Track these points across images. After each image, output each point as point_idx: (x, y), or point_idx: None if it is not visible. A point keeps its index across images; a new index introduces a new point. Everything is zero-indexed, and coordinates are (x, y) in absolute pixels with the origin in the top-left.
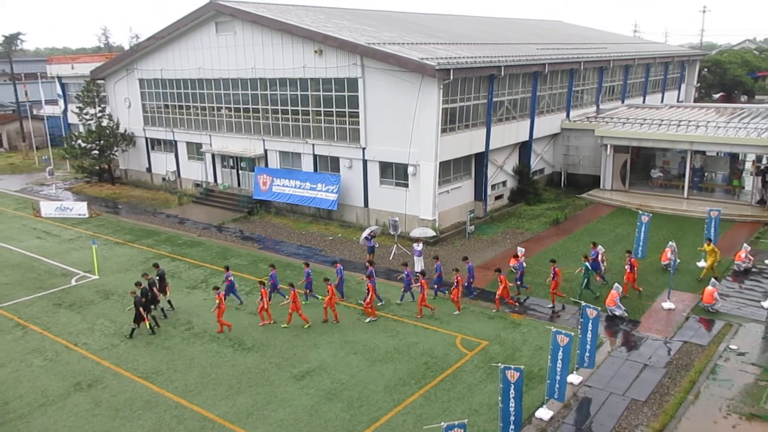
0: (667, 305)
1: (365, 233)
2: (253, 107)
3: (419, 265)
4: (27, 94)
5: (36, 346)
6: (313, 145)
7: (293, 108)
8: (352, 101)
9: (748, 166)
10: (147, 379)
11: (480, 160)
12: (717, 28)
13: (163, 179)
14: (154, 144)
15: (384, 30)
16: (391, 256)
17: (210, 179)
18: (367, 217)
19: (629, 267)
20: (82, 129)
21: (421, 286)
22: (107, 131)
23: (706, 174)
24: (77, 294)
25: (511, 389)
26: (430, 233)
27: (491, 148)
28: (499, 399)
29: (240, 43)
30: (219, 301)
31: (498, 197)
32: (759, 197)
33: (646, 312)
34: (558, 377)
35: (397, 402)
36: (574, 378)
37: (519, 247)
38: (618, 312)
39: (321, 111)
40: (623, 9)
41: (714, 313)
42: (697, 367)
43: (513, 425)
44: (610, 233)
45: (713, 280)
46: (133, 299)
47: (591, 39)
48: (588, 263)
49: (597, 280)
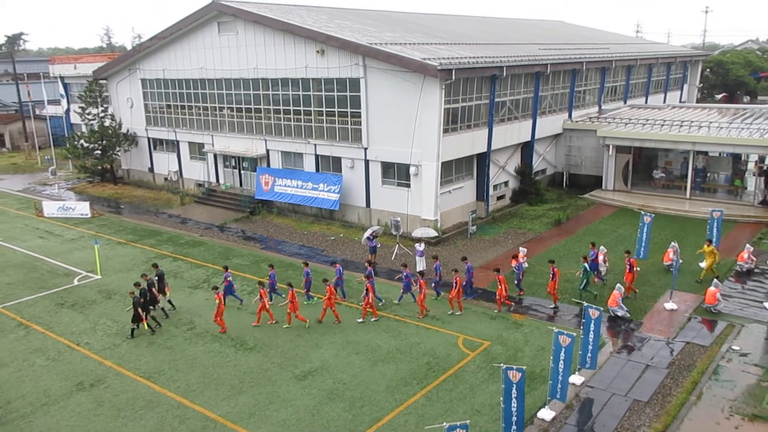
0: (670, 306)
1: (367, 233)
2: (255, 107)
3: (421, 265)
4: (30, 94)
5: (38, 345)
6: (315, 145)
7: (295, 108)
8: (354, 101)
9: (750, 166)
10: (149, 379)
11: (482, 160)
12: (720, 28)
13: (166, 179)
14: (156, 144)
15: (386, 30)
16: (393, 256)
17: (212, 179)
18: (369, 217)
19: (629, 267)
20: (84, 129)
21: (420, 286)
22: (110, 131)
23: (708, 174)
24: (79, 294)
25: (513, 389)
26: (431, 233)
27: (493, 148)
28: (501, 399)
29: (242, 43)
30: (219, 302)
31: (500, 197)
32: (761, 198)
33: (648, 312)
34: (560, 378)
35: (399, 402)
36: (576, 378)
37: (521, 248)
38: (620, 312)
39: (323, 111)
40: (625, 9)
41: (716, 314)
42: (700, 368)
43: (515, 425)
44: (612, 234)
45: (715, 280)
46: (132, 299)
47: (593, 39)
48: (587, 264)
49: (594, 281)
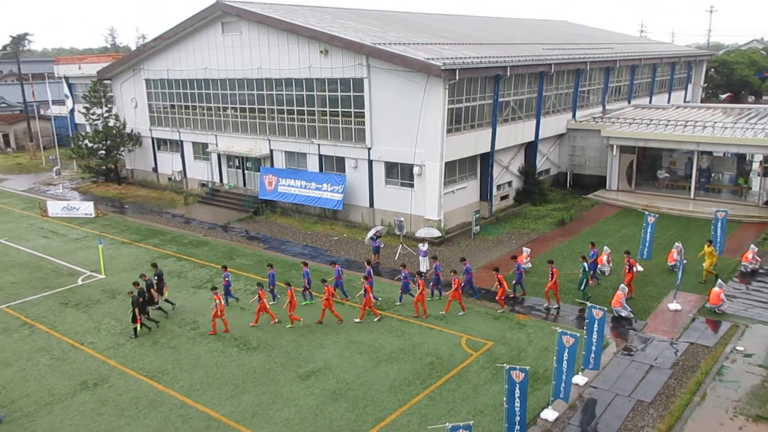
0: (674, 306)
1: (370, 233)
2: (259, 107)
3: (424, 266)
4: (34, 94)
5: (43, 344)
6: (319, 145)
7: (299, 108)
8: (357, 101)
9: (755, 167)
10: (153, 379)
11: (485, 160)
12: (724, 28)
13: (169, 179)
14: (160, 144)
15: (389, 30)
16: (396, 256)
17: (216, 179)
18: (373, 217)
19: (628, 267)
20: (88, 129)
21: (419, 286)
22: (114, 131)
23: (712, 175)
24: (84, 293)
25: (517, 390)
26: (435, 233)
27: (497, 148)
28: (504, 399)
29: (246, 44)
30: (218, 302)
31: (503, 197)
32: (766, 198)
33: (652, 313)
34: (563, 378)
35: (402, 402)
36: (579, 379)
37: (524, 248)
38: (624, 313)
39: (326, 111)
40: (629, 9)
41: (720, 315)
42: (704, 369)
43: (518, 426)
44: (616, 234)
45: (719, 281)
46: (131, 299)
47: (597, 39)
48: (586, 264)
49: (590, 282)
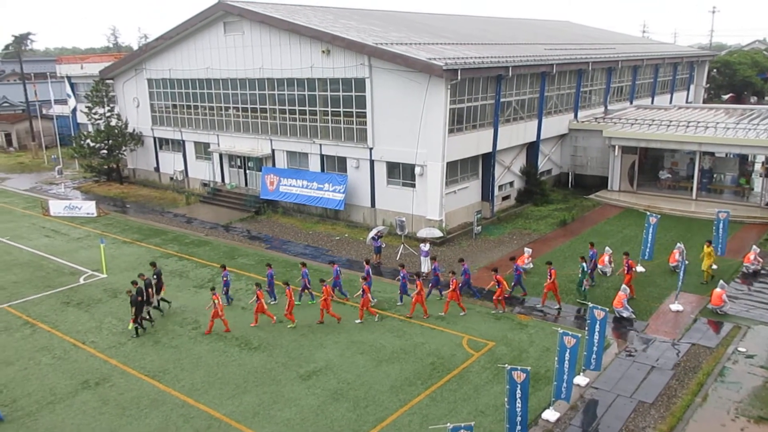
0: (675, 307)
1: (372, 233)
2: (261, 107)
3: (426, 266)
4: (36, 93)
5: (44, 344)
6: (321, 145)
7: (301, 108)
8: (359, 101)
9: (757, 167)
10: (154, 378)
11: (487, 160)
12: (727, 28)
13: (171, 179)
14: (162, 143)
15: (391, 30)
16: (398, 256)
17: (217, 179)
18: (374, 217)
19: (626, 268)
20: (91, 128)
21: (417, 286)
22: (116, 131)
23: (714, 175)
24: (85, 292)
25: (518, 390)
26: (436, 234)
27: (498, 148)
28: (506, 400)
29: (248, 43)
30: (216, 302)
31: (505, 198)
32: None
33: (653, 314)
34: (565, 378)
35: (403, 402)
36: (580, 380)
37: (526, 248)
38: (625, 314)
39: (328, 111)
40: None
41: (722, 315)
42: (705, 370)
43: (519, 426)
44: (617, 235)
45: (721, 282)
46: (129, 298)
47: (599, 39)
48: (585, 264)
49: (585, 283)
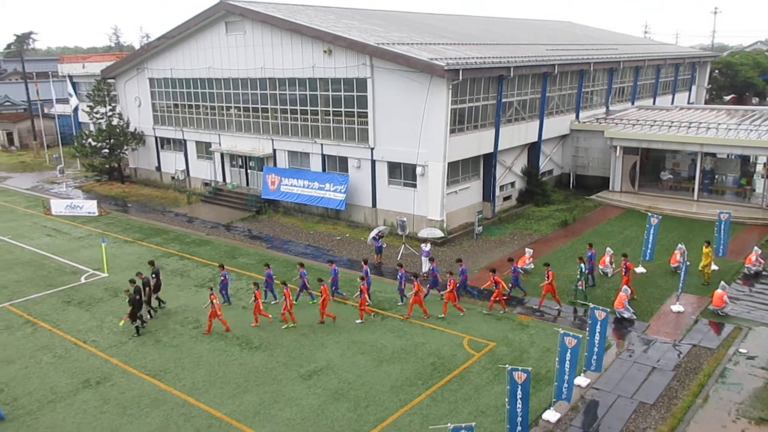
0: (677, 308)
1: (373, 233)
2: (263, 107)
3: (427, 266)
4: (38, 92)
5: (45, 343)
6: (322, 145)
7: (302, 108)
8: (360, 101)
9: (759, 168)
10: (155, 377)
11: (488, 160)
12: (728, 29)
13: (173, 178)
14: (163, 143)
15: (393, 30)
16: (399, 256)
17: (219, 178)
18: (375, 217)
19: (624, 270)
20: (92, 128)
21: (414, 287)
22: (117, 130)
23: (716, 176)
24: (86, 291)
25: (518, 391)
26: (437, 234)
27: (500, 148)
28: (506, 400)
29: (250, 43)
30: (214, 301)
31: (506, 198)
32: None
33: (655, 315)
34: (566, 379)
35: (404, 402)
36: (581, 380)
37: (527, 249)
38: (626, 314)
39: (330, 111)
40: (633, 10)
41: (723, 317)
42: (706, 371)
43: (520, 427)
44: (618, 235)
45: (723, 283)
46: (128, 297)
47: (601, 40)
48: (583, 265)
49: (579, 285)
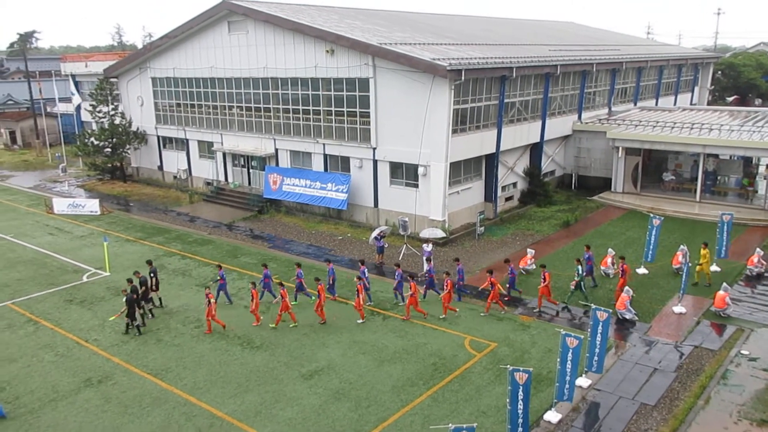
0: (678, 309)
1: (375, 233)
2: (265, 106)
3: (427, 266)
4: (41, 91)
5: (47, 341)
6: (324, 145)
7: (304, 107)
8: (363, 101)
9: (761, 170)
10: (156, 376)
11: (490, 161)
12: (731, 30)
13: (175, 177)
14: (165, 142)
15: (396, 30)
16: (401, 256)
17: (221, 178)
18: (377, 217)
19: (621, 272)
20: (95, 127)
21: (411, 287)
22: (120, 129)
23: (718, 177)
24: (88, 290)
25: (520, 391)
26: (439, 234)
27: (502, 149)
28: (508, 401)
29: (252, 43)
30: (211, 300)
31: (508, 198)
32: None
33: (656, 316)
34: (567, 380)
35: (405, 402)
36: (583, 381)
37: (528, 249)
38: (628, 315)
39: (332, 111)
40: (636, 10)
41: (725, 318)
42: (708, 372)
43: (521, 427)
44: (620, 236)
45: (725, 284)
46: (125, 297)
47: (603, 40)
48: (581, 267)
49: (571, 285)
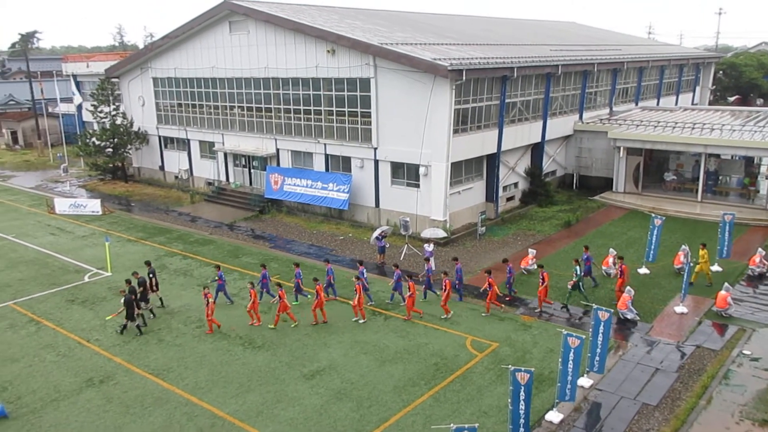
0: (680, 309)
1: (376, 233)
2: (266, 106)
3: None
4: (43, 92)
5: (49, 341)
6: (325, 145)
7: (305, 107)
8: (364, 101)
9: (763, 170)
10: (158, 376)
11: (492, 161)
12: (733, 30)
13: (176, 177)
14: (167, 142)
15: (396, 30)
16: (402, 256)
17: (222, 178)
18: (378, 217)
19: (619, 272)
20: (96, 127)
21: (409, 288)
22: (121, 129)
23: (720, 177)
24: (90, 290)
25: (521, 391)
26: (440, 234)
27: (503, 149)
28: (509, 401)
29: (253, 43)
30: (210, 300)
31: (509, 199)
32: None
33: (658, 316)
34: (569, 380)
35: (407, 402)
36: (584, 381)
37: (530, 249)
38: (630, 315)
39: (333, 111)
40: (637, 10)
41: (727, 318)
42: (710, 372)
43: (522, 428)
44: (622, 236)
45: (726, 284)
46: (123, 297)
47: (605, 40)
48: (579, 267)
49: (569, 285)
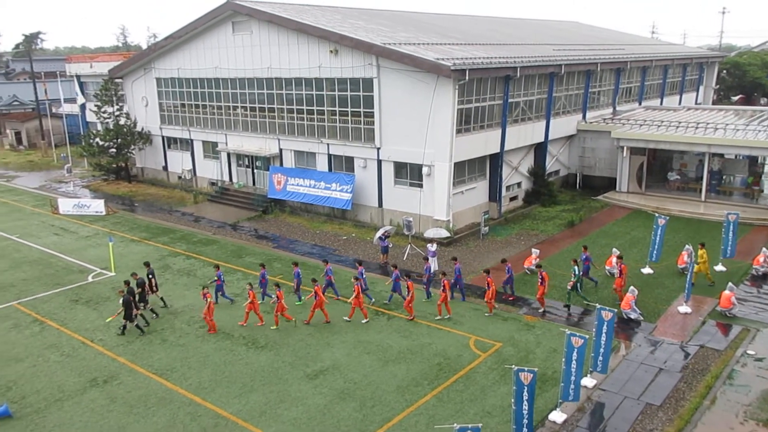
0: (684, 309)
1: (379, 233)
2: (269, 107)
3: (434, 266)
4: (46, 92)
5: (53, 341)
6: (328, 145)
7: (308, 107)
8: (367, 101)
9: (767, 169)
10: (161, 376)
11: (495, 161)
12: (736, 29)
13: (179, 177)
14: (170, 142)
15: (399, 30)
16: (405, 256)
17: (225, 178)
18: (381, 217)
19: (619, 272)
20: (100, 127)
21: (408, 288)
22: (124, 130)
23: (724, 177)
24: (94, 290)
25: (525, 391)
26: (444, 234)
27: (506, 149)
28: (512, 401)
29: (256, 43)
30: (209, 300)
31: (513, 198)
32: None
33: (662, 316)
34: (572, 380)
35: (410, 402)
36: (588, 381)
37: (533, 249)
38: (633, 315)
39: (336, 111)
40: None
41: (731, 318)
42: (714, 372)
43: (526, 428)
44: (625, 236)
45: (730, 284)
46: (122, 298)
47: (608, 40)
48: (577, 267)
49: (568, 285)
